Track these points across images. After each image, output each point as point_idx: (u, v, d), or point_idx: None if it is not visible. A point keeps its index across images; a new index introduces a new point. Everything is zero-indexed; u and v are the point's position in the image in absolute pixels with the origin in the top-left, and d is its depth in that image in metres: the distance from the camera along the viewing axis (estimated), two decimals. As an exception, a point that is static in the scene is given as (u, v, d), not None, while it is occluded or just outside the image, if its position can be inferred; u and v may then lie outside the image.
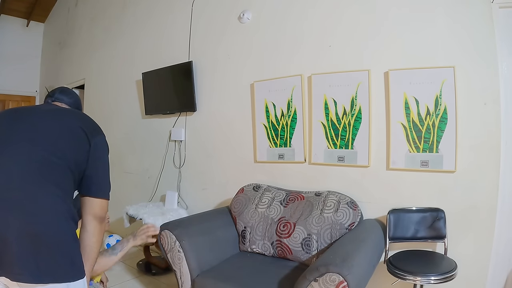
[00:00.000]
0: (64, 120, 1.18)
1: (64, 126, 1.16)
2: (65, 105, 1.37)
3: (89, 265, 1.18)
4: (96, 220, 1.17)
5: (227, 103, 2.75)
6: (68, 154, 1.12)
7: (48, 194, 1.05)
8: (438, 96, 1.86)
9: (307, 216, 2.01)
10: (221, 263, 2.00)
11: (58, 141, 1.12)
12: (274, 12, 2.47)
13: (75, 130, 1.16)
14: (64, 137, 1.13)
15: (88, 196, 1.17)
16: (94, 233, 1.17)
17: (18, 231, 0.98)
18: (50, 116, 1.19)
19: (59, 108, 1.26)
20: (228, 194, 2.66)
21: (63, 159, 1.10)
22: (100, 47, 3.98)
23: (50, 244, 1.01)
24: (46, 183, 1.05)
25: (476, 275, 1.78)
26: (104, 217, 1.20)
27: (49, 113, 1.20)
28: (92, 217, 1.17)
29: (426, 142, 1.90)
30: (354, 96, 2.11)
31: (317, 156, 2.28)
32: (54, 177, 1.08)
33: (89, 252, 1.18)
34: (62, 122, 1.17)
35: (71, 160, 1.12)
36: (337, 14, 2.20)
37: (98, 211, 1.18)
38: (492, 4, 1.72)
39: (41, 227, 1.01)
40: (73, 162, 1.13)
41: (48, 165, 1.07)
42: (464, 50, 1.80)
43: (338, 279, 1.35)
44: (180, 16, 3.04)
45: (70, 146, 1.13)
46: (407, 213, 1.90)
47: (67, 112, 1.24)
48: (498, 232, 1.76)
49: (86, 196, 1.18)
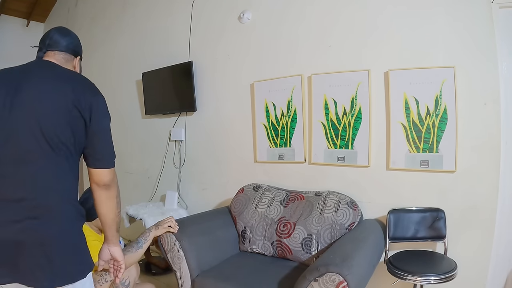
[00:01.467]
0: (55, 99, 1.08)
1: (58, 109, 1.07)
2: (60, 54, 1.22)
3: (108, 231, 1.23)
4: (100, 188, 1.17)
5: (227, 103, 2.75)
6: (67, 143, 1.09)
7: (55, 195, 1.07)
8: (438, 96, 1.86)
9: (307, 216, 2.01)
10: (221, 263, 2.00)
11: (56, 131, 1.07)
12: (274, 12, 2.47)
13: (69, 110, 1.08)
14: (61, 124, 1.07)
15: (88, 166, 1.16)
16: (101, 200, 1.18)
17: (33, 236, 1.01)
18: (41, 96, 1.08)
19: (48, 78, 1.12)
20: (228, 194, 2.66)
21: (64, 150, 1.09)
22: (100, 47, 3.98)
23: (62, 246, 1.05)
24: (55, 183, 1.07)
25: (476, 275, 1.78)
26: (110, 184, 1.18)
27: (40, 92, 1.08)
28: (96, 185, 1.17)
29: (426, 142, 1.90)
30: (354, 96, 2.11)
31: (317, 156, 2.28)
32: (60, 177, 1.09)
33: (104, 220, 1.21)
34: (54, 102, 1.07)
35: (70, 148, 1.10)
36: (337, 14, 2.19)
37: (100, 179, 1.16)
38: (492, 4, 1.72)
39: (52, 230, 1.04)
40: (73, 147, 1.11)
41: (53, 163, 1.07)
42: (464, 50, 1.80)
43: (338, 279, 1.35)
44: (180, 16, 3.04)
45: (68, 134, 1.08)
46: (407, 213, 1.90)
47: (57, 83, 1.11)
48: (498, 232, 1.76)
49: (88, 166, 1.17)
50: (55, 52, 1.22)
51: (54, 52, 1.22)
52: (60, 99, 1.07)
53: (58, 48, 1.23)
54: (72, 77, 1.17)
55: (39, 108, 1.05)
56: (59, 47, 1.23)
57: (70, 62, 1.27)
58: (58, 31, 1.26)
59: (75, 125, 1.09)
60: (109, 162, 1.17)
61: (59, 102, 1.07)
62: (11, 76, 1.11)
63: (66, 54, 1.25)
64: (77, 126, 1.10)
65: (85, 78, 1.20)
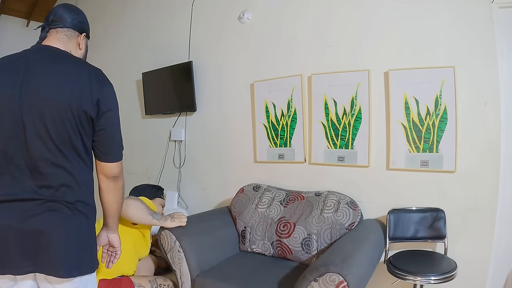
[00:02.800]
0: (60, 102, 1.04)
1: (64, 111, 1.05)
2: (62, 31, 1.16)
3: (111, 219, 1.24)
4: (108, 179, 1.17)
5: (227, 103, 2.75)
6: (75, 142, 1.09)
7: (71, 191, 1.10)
8: (438, 96, 1.86)
9: (307, 216, 2.01)
10: (221, 263, 2.00)
11: (67, 133, 1.07)
12: (274, 12, 2.47)
13: (75, 111, 1.06)
14: (68, 129, 1.06)
15: (96, 159, 1.17)
16: (109, 190, 1.19)
17: (52, 226, 1.05)
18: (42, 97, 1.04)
19: (48, 78, 1.06)
20: (228, 194, 2.66)
21: (73, 152, 1.09)
22: (100, 47, 3.98)
23: (75, 239, 1.08)
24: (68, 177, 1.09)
25: (476, 275, 1.78)
26: (117, 176, 1.18)
27: (42, 92, 1.05)
28: (103, 176, 1.17)
29: (426, 142, 1.90)
30: (354, 96, 2.11)
31: (317, 156, 2.28)
32: (75, 173, 1.10)
33: (108, 209, 1.22)
34: (59, 104, 1.04)
35: (80, 149, 1.10)
36: (337, 14, 2.19)
37: (109, 172, 1.17)
38: (492, 4, 1.72)
39: (68, 221, 1.07)
40: (82, 147, 1.11)
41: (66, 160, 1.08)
42: (464, 50, 1.80)
43: (338, 279, 1.35)
44: (180, 16, 3.04)
45: (75, 132, 1.08)
46: (407, 213, 1.90)
47: (58, 82, 1.06)
48: (498, 231, 1.76)
49: (96, 158, 1.17)
50: (58, 30, 1.16)
51: (57, 30, 1.16)
52: (63, 100, 1.05)
53: (61, 24, 1.16)
54: (74, 71, 1.09)
55: (42, 109, 1.05)
56: (63, 23, 1.16)
57: (74, 39, 1.20)
58: (64, 6, 1.20)
59: (81, 124, 1.08)
60: (118, 156, 1.18)
61: (62, 103, 1.05)
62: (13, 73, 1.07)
63: (70, 30, 1.18)
64: (83, 124, 1.09)
65: (89, 68, 1.14)
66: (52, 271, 1.04)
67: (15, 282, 1.07)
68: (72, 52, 1.19)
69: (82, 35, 1.23)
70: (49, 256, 1.03)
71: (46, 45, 1.15)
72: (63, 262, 1.04)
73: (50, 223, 1.04)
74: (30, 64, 1.07)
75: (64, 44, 1.17)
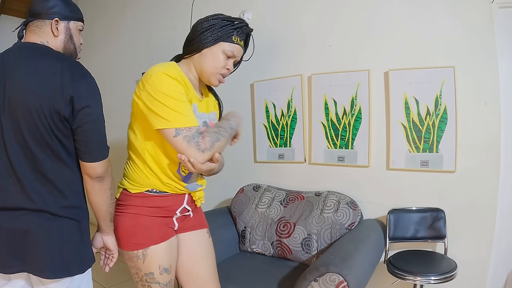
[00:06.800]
0: (31, 104, 1.00)
1: (36, 114, 1.00)
2: (33, 24, 1.10)
3: (102, 221, 1.21)
4: (92, 180, 1.11)
5: (227, 103, 2.73)
6: (55, 147, 1.05)
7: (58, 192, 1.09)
8: (438, 96, 1.86)
9: (307, 216, 2.01)
10: (221, 263, 2.00)
11: (42, 137, 1.03)
12: (274, 12, 2.47)
13: (47, 113, 1.01)
14: (43, 132, 1.02)
15: (79, 159, 1.11)
16: (94, 191, 1.13)
17: (39, 226, 1.04)
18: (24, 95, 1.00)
19: (20, 78, 1.01)
20: (228, 194, 2.66)
21: (55, 153, 1.06)
22: (100, 47, 3.98)
23: (63, 238, 1.06)
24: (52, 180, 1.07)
25: (476, 275, 1.78)
26: (102, 176, 1.12)
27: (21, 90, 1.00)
28: (87, 176, 1.12)
29: (426, 142, 1.90)
30: (354, 96, 2.11)
31: (317, 156, 2.28)
32: (60, 174, 1.09)
33: (96, 211, 1.18)
34: (30, 107, 1.00)
35: (59, 151, 1.06)
36: (337, 14, 2.19)
37: (92, 172, 1.10)
38: (492, 4, 1.72)
39: (55, 221, 1.06)
40: (62, 148, 1.06)
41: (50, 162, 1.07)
42: (464, 50, 1.80)
43: (338, 279, 1.35)
44: (180, 16, 3.04)
45: (51, 135, 1.03)
46: (407, 213, 1.90)
47: (32, 79, 1.01)
48: (498, 232, 1.76)
49: (78, 158, 1.11)
50: (29, 24, 1.10)
51: (31, 24, 1.10)
52: (34, 102, 1.00)
53: (33, 17, 1.09)
54: (45, 69, 1.02)
55: (16, 113, 1.01)
56: (35, 16, 1.09)
57: (46, 27, 1.10)
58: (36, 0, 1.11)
59: (55, 125, 1.03)
60: (100, 154, 1.10)
61: (33, 105, 1.00)
62: None
63: (39, 20, 1.09)
64: (58, 126, 1.03)
65: (63, 63, 1.05)
66: (39, 272, 1.03)
67: (8, 280, 1.08)
68: (49, 43, 1.11)
69: (54, 20, 1.10)
70: (36, 256, 1.02)
71: (20, 43, 1.10)
72: (48, 263, 1.02)
73: (37, 223, 1.03)
74: (5, 66, 1.03)
75: (37, 36, 1.10)
